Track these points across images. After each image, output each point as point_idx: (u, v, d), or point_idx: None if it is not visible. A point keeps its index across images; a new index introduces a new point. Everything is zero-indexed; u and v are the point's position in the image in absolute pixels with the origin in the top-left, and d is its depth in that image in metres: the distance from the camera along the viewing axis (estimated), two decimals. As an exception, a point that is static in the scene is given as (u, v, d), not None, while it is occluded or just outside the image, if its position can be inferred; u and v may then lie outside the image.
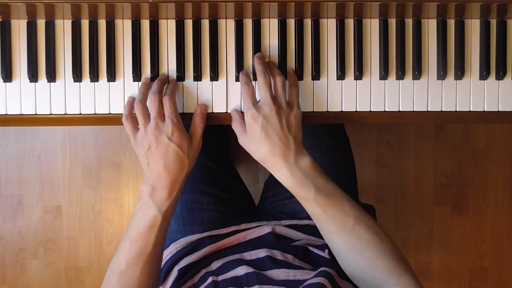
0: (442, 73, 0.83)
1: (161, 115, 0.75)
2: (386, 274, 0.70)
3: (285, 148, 0.73)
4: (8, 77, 0.81)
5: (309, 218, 0.94)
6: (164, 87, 0.79)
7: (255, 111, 0.73)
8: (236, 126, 0.78)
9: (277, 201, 1.00)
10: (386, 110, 0.83)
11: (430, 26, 0.83)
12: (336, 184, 0.75)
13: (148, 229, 0.74)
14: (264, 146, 0.73)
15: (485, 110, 0.84)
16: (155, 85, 0.78)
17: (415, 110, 0.83)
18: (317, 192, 0.72)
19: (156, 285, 0.80)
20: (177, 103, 0.81)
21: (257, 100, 0.77)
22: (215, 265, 0.80)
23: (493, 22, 0.84)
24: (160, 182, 0.74)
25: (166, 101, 0.75)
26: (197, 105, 0.81)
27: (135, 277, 0.74)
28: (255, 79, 0.80)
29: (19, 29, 0.81)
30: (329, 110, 0.83)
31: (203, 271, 0.80)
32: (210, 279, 0.75)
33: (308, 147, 0.97)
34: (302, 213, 0.95)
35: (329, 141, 0.99)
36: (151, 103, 0.75)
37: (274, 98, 0.75)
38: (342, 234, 0.73)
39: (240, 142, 0.77)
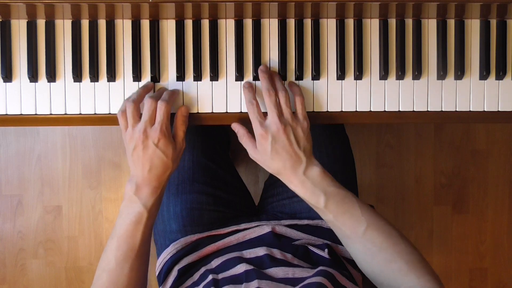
0: (442, 73, 0.83)
1: (152, 120, 0.75)
2: (401, 276, 0.70)
3: (294, 163, 0.75)
4: (8, 77, 0.81)
5: (309, 218, 0.94)
6: (164, 93, 0.79)
7: (263, 132, 0.75)
8: (245, 142, 0.79)
9: (277, 201, 1.00)
10: (386, 110, 0.83)
11: (430, 26, 0.83)
12: (349, 191, 0.76)
13: (135, 226, 0.76)
14: (275, 162, 0.75)
15: (485, 110, 0.84)
16: (157, 92, 0.78)
17: (415, 110, 0.83)
18: (327, 200, 0.74)
19: (145, 281, 0.80)
20: (176, 104, 0.81)
21: (264, 117, 0.77)
22: (215, 263, 0.81)
23: (493, 22, 0.83)
24: (144, 181, 0.76)
25: (160, 106, 0.75)
26: (179, 107, 0.81)
27: (124, 274, 0.75)
28: (256, 79, 0.81)
29: (19, 29, 0.81)
30: (329, 110, 0.83)
31: (202, 269, 0.80)
32: (210, 277, 0.75)
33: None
34: (302, 213, 0.95)
35: (329, 141, 0.99)
36: (146, 106, 0.75)
37: (280, 115, 0.75)
38: (355, 239, 0.74)
39: (251, 156, 0.79)
